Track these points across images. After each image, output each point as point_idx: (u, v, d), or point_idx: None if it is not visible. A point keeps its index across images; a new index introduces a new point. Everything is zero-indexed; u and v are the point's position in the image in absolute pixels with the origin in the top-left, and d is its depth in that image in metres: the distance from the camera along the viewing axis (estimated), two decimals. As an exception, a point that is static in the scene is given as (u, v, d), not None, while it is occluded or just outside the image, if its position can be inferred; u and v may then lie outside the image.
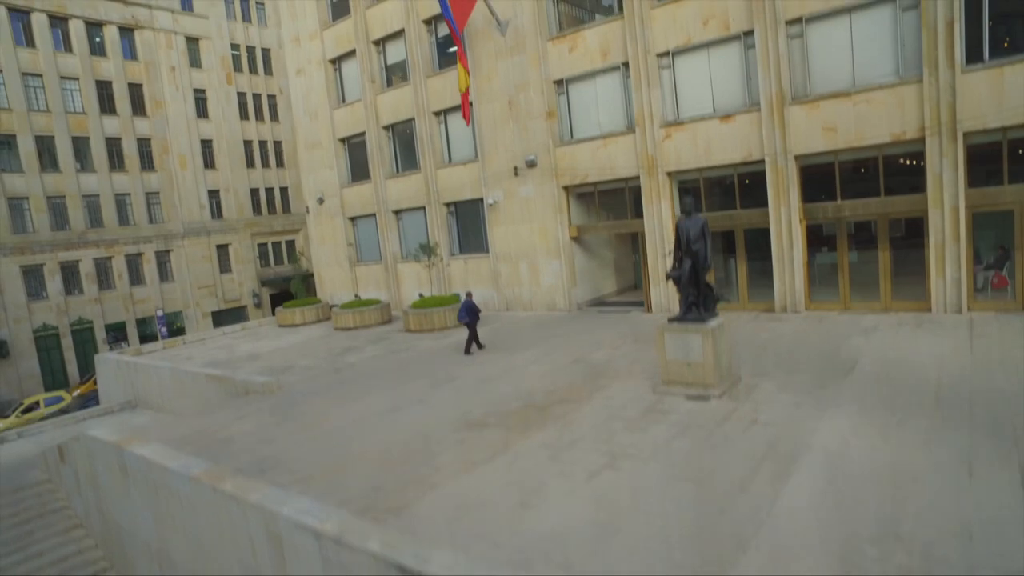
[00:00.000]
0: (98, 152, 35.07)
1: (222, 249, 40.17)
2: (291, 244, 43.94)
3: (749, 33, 16.40)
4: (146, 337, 36.69)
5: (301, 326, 24.91)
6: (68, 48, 34.22)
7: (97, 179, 35.04)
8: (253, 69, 42.33)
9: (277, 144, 43.34)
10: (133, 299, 36.22)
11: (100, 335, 34.90)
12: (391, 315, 23.48)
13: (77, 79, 34.43)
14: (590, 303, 21.62)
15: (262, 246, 42.39)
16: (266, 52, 42.95)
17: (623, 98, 18.95)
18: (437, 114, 23.44)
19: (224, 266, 40.24)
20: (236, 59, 41.47)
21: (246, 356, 20.03)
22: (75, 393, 29.92)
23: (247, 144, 41.68)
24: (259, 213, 42.28)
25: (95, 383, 30.56)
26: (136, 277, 36.58)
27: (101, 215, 35.23)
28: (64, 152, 33.91)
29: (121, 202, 36.10)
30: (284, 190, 43.72)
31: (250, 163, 41.80)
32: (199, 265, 38.84)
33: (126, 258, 35.96)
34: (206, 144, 39.71)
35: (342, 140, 27.12)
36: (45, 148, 33.50)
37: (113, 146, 35.86)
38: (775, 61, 15.94)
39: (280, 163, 43.49)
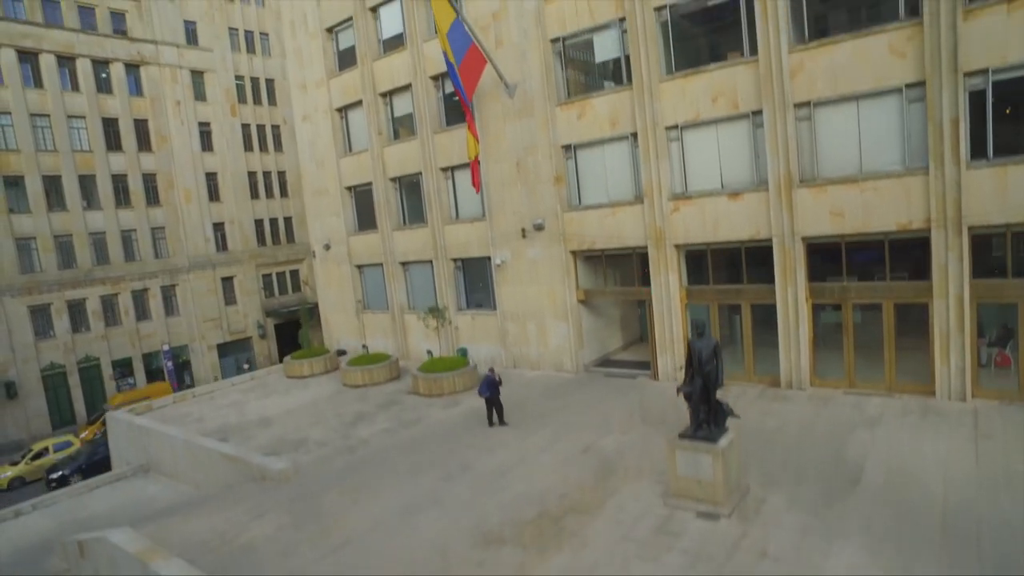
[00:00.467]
0: (104, 189, 35.28)
1: (227, 281, 40.40)
2: (295, 274, 44.17)
3: (758, 113, 16.61)
4: (152, 372, 36.96)
5: (309, 377, 25.11)
6: (75, 87, 34.42)
7: (103, 216, 35.25)
8: (257, 100, 42.54)
9: (281, 174, 43.58)
10: (139, 334, 36.44)
11: (107, 371, 35.14)
12: (399, 370, 23.69)
13: (84, 117, 34.63)
14: (597, 362, 21.88)
15: (266, 276, 42.62)
16: (270, 82, 43.17)
17: (631, 167, 19.18)
18: (444, 170, 23.67)
19: (229, 298, 40.47)
20: (240, 89, 41.67)
21: (257, 420, 20.25)
22: (83, 435, 30.16)
23: (251, 175, 41.91)
24: (263, 244, 42.50)
25: (103, 423, 30.82)
26: (142, 312, 36.81)
27: (107, 252, 35.44)
28: (71, 191, 34.12)
29: (127, 238, 36.31)
30: (288, 220, 43.95)
31: (254, 194, 42.02)
32: (204, 298, 39.07)
33: (132, 294, 36.20)
34: (211, 177, 39.92)
35: (348, 188, 27.33)
36: (52, 187, 33.73)
37: (119, 182, 36.07)
38: (783, 143, 16.17)
39: (284, 193, 43.73)
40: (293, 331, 43.82)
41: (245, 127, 41.78)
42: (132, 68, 36.67)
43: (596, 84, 20.18)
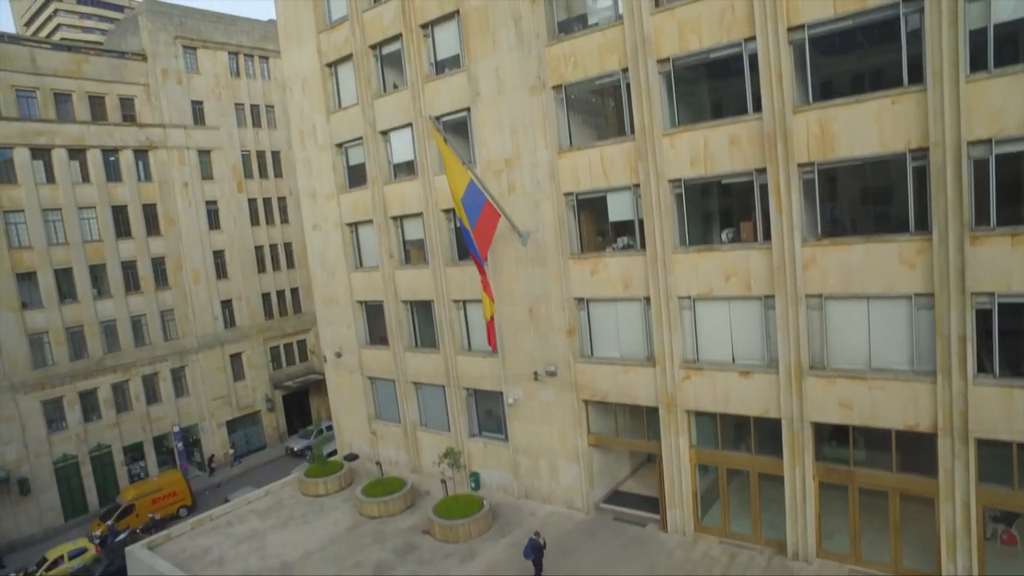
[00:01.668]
0: (114, 277, 35.58)
1: (235, 357, 40.75)
2: (302, 343, 44.54)
3: (770, 297, 17.02)
4: (163, 454, 37.31)
5: (325, 497, 25.48)
6: (85, 178, 34.69)
7: (113, 304, 35.55)
8: (263, 173, 42.82)
9: (287, 245, 43.90)
10: (150, 418, 36.80)
11: (118, 458, 35.53)
12: (414, 498, 24.06)
13: (94, 207, 34.92)
14: (607, 496, 22.36)
15: (274, 349, 42.98)
16: (275, 154, 43.44)
17: (643, 329, 19.56)
18: (456, 302, 24.01)
19: (238, 373, 40.82)
20: (246, 163, 41.92)
21: (278, 566, 20.65)
22: (96, 535, 30.46)
23: (258, 249, 42.24)
24: (271, 317, 42.84)
25: (117, 518, 31.22)
26: (152, 396, 37.15)
27: (118, 339, 35.76)
28: (82, 281, 34.41)
29: (137, 323, 36.63)
30: (295, 290, 44.28)
31: (261, 267, 42.34)
32: (213, 376, 39.42)
33: (143, 379, 36.51)
34: (218, 255, 40.23)
35: (360, 302, 27.64)
36: (64, 280, 34.00)
37: (128, 269, 36.37)
38: (794, 331, 16.56)
39: (290, 264, 44.04)
40: (302, 401, 44.31)
41: (251, 201, 42.06)
42: (141, 153, 36.91)
43: (610, 242, 20.52)
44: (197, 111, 39.32)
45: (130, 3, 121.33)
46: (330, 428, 38.63)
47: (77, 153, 34.38)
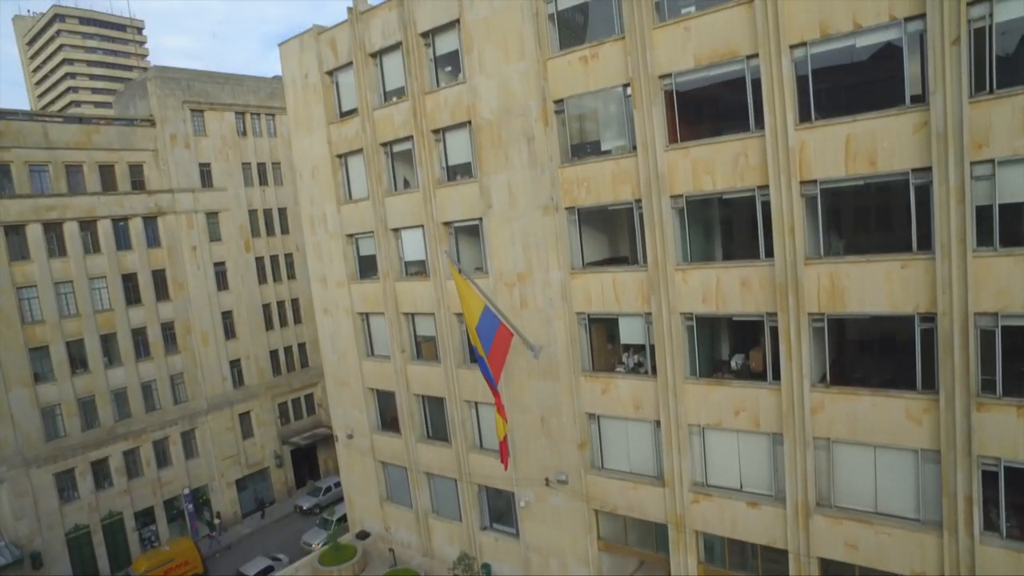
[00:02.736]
0: (124, 344, 35.87)
1: (244, 416, 41.07)
2: (310, 397, 44.87)
3: (778, 435, 17.39)
4: (173, 518, 37.65)
5: (338, 587, 25.91)
6: (96, 248, 34.97)
7: (124, 371, 35.86)
8: (270, 230, 43.12)
9: (294, 301, 44.21)
10: (160, 482, 37.12)
11: (129, 524, 35.84)
12: (428, 596, 24.48)
13: (104, 277, 35.21)
14: (617, 593, 22.79)
15: (282, 405, 43.30)
16: (282, 211, 43.73)
17: (654, 449, 19.94)
18: (469, 402, 24.35)
19: (246, 431, 41.15)
20: (252, 220, 42.21)
21: None
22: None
23: (265, 307, 42.54)
24: (278, 373, 43.15)
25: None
26: (163, 460, 37.46)
27: (128, 406, 36.07)
28: (93, 351, 34.71)
29: (147, 388, 36.93)
30: (302, 345, 44.61)
31: (268, 325, 42.66)
32: (223, 436, 39.75)
33: (153, 444, 36.83)
34: (226, 315, 40.53)
35: (372, 390, 27.96)
36: (75, 351, 34.29)
37: (138, 335, 36.67)
38: (802, 471, 16.96)
39: (297, 320, 44.36)
40: (309, 453, 44.64)
41: (259, 259, 42.36)
42: (150, 219, 37.21)
43: (621, 357, 20.86)
44: (205, 173, 39.60)
45: (132, 23, 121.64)
46: (338, 484, 39.02)
47: (88, 224, 34.68)
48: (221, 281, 40.37)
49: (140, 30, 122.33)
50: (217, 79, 40.09)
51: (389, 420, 27.85)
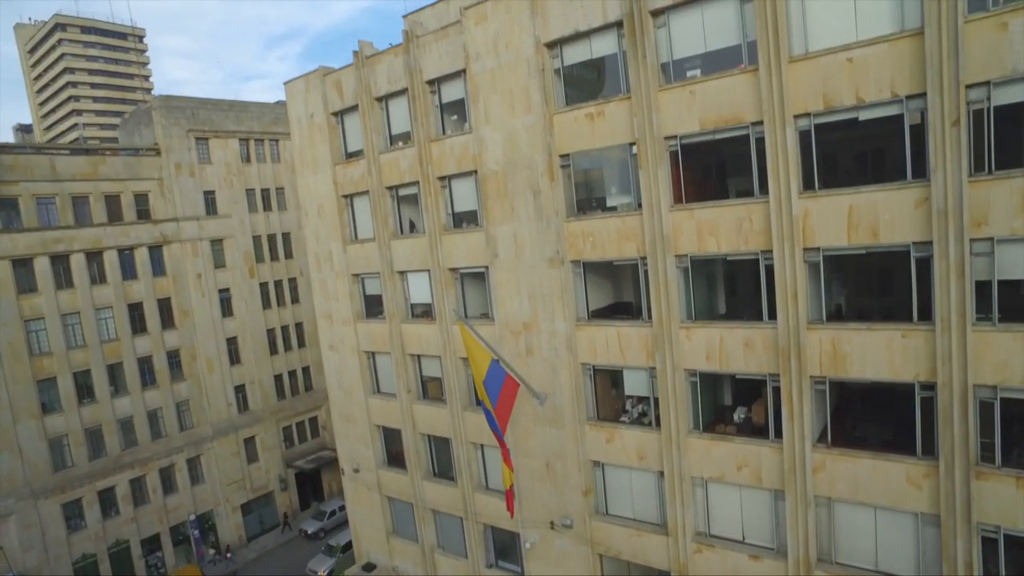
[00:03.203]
0: (131, 373, 36.19)
1: (249, 441, 41.38)
2: (314, 420, 45.17)
3: (780, 491, 17.71)
4: (179, 541, 37.95)
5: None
6: (102, 279, 35.27)
7: (130, 400, 36.17)
8: (274, 256, 43.40)
9: (298, 326, 44.52)
10: (166, 508, 37.45)
11: (136, 551, 36.14)
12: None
13: (111, 307, 35.52)
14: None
15: (286, 428, 43.60)
16: (286, 236, 44.02)
17: (657, 498, 20.24)
18: (474, 444, 24.65)
19: (251, 456, 41.48)
20: (256, 245, 42.49)
21: None
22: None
23: (270, 332, 42.85)
24: (283, 397, 43.48)
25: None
26: (169, 487, 37.80)
27: (135, 434, 36.39)
28: (100, 382, 35.01)
29: (153, 416, 37.25)
30: (306, 369, 44.91)
31: (273, 350, 42.97)
32: (228, 462, 40.06)
33: (159, 471, 37.13)
34: (231, 341, 40.84)
35: (378, 426, 28.25)
36: (82, 382, 34.59)
37: (144, 364, 36.99)
38: (804, 528, 17.26)
39: (301, 343, 44.66)
40: (314, 477, 44.96)
41: (263, 285, 42.66)
42: (155, 248, 37.49)
43: (625, 410, 21.18)
44: (209, 200, 39.89)
45: (133, 31, 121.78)
46: (343, 508, 39.30)
47: (94, 255, 34.97)
48: (226, 307, 40.67)
49: (141, 38, 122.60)
50: (221, 106, 40.37)
51: (395, 456, 28.15)
